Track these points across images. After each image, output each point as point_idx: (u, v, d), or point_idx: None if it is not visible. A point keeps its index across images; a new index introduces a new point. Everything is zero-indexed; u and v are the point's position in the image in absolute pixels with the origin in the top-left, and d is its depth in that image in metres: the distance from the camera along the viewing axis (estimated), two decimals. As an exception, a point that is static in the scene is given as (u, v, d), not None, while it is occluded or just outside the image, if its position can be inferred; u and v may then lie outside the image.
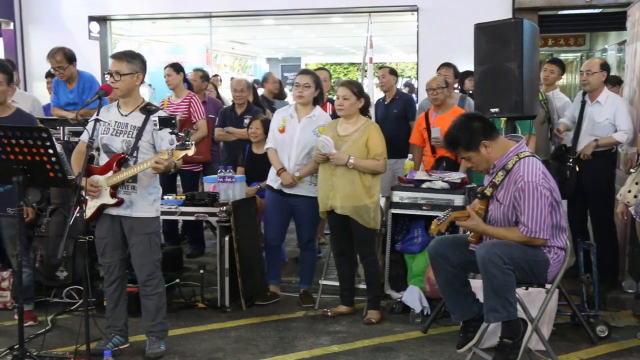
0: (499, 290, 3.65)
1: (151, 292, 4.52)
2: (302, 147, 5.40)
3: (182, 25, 14.08)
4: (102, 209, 4.41)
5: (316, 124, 5.44)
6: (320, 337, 4.93)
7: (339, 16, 13.08)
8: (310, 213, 5.51)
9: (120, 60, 4.33)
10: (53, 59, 6.20)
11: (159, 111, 4.44)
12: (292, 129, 5.44)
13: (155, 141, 4.35)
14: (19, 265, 4.03)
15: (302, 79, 5.44)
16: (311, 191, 5.46)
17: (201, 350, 4.68)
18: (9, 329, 5.07)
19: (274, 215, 5.61)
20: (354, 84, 5.20)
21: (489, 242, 3.81)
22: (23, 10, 11.67)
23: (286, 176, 5.40)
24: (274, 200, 5.58)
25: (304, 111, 5.46)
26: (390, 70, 7.50)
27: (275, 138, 5.53)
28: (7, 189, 4.73)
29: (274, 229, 5.64)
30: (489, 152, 3.83)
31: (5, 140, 3.76)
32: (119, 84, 4.32)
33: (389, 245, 5.51)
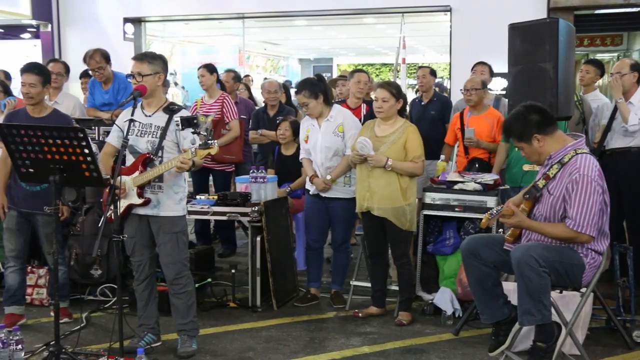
0: (534, 293, 3.60)
1: (180, 290, 4.56)
2: (326, 151, 5.45)
3: (215, 27, 14.18)
4: (130, 209, 4.46)
5: (335, 124, 5.46)
6: (351, 338, 4.92)
7: (371, 17, 13.05)
8: (346, 214, 5.52)
9: (142, 62, 4.39)
10: (92, 60, 6.28)
11: (182, 110, 4.48)
12: (315, 137, 5.51)
13: (179, 140, 4.40)
14: (54, 263, 4.09)
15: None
16: (346, 192, 5.47)
17: (232, 349, 4.70)
18: (45, 325, 5.16)
19: (314, 219, 5.65)
20: (392, 85, 5.18)
21: (525, 244, 3.77)
22: (61, 13, 11.87)
23: (318, 182, 5.46)
24: (312, 205, 5.63)
25: (323, 116, 5.51)
26: (430, 71, 7.43)
27: (304, 149, 5.65)
28: (43, 187, 4.81)
29: (315, 232, 5.66)
30: (541, 146, 3.80)
31: (43, 140, 3.82)
32: (140, 82, 4.37)
33: (421, 247, 5.48)
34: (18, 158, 3.97)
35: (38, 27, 12.04)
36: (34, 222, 5.04)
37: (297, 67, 23.46)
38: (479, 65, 7.11)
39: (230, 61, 14.70)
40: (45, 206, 4.46)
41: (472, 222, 5.39)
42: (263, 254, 5.45)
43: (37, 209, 4.83)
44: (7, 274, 5.11)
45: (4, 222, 5.11)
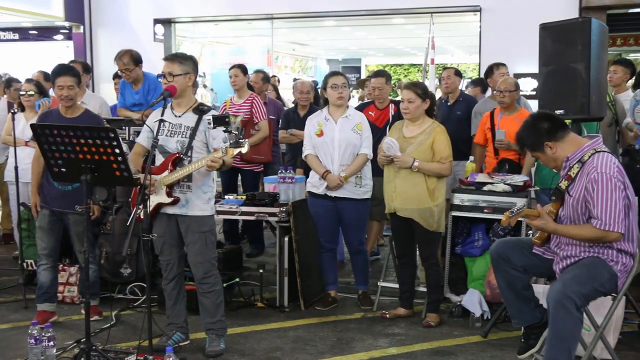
0: (565, 339, 3.51)
1: (208, 289, 4.58)
2: (345, 147, 5.38)
3: (244, 27, 14.26)
4: (159, 208, 4.49)
5: (353, 122, 5.43)
6: (379, 339, 4.91)
7: (400, 17, 13.01)
8: (358, 216, 5.49)
9: (173, 62, 4.42)
10: (120, 62, 6.36)
11: (211, 111, 4.51)
12: (331, 131, 5.43)
13: (208, 140, 4.42)
14: (85, 261, 4.14)
15: (339, 79, 5.46)
16: (356, 193, 5.43)
17: (260, 349, 4.72)
18: (76, 322, 5.23)
19: (323, 220, 5.55)
20: (418, 85, 5.16)
21: (560, 281, 3.63)
22: (92, 14, 12.03)
23: (332, 178, 5.36)
24: (319, 206, 5.52)
25: (338, 112, 5.45)
26: (455, 72, 7.40)
27: (314, 143, 5.50)
28: (75, 187, 4.87)
29: (327, 233, 5.59)
30: (554, 152, 3.76)
31: (75, 140, 3.86)
32: (171, 82, 4.40)
33: (449, 248, 5.45)
34: (50, 158, 4.02)
35: (70, 29, 12.21)
36: (66, 221, 5.10)
37: (325, 68, 23.48)
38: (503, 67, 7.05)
39: (258, 62, 14.75)
40: (77, 205, 4.51)
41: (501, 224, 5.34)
42: (291, 254, 5.46)
43: (68, 208, 4.89)
44: (39, 271, 5.18)
45: (37, 220, 5.18)
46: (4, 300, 5.81)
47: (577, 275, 3.59)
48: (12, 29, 12.98)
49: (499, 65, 7.06)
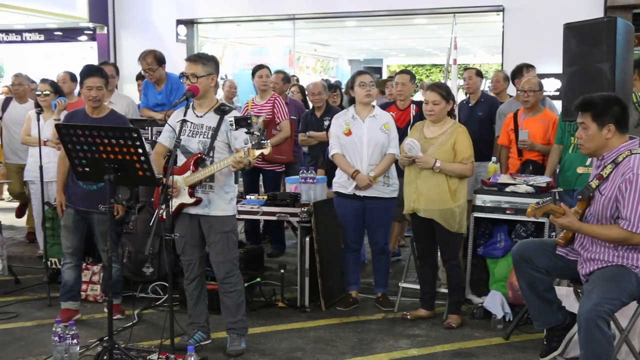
0: (601, 354, 3.44)
1: (230, 289, 4.60)
2: (374, 146, 5.37)
3: (266, 28, 14.30)
4: (181, 208, 4.52)
5: (381, 122, 5.42)
6: (400, 340, 4.90)
7: (422, 17, 12.97)
8: (384, 215, 5.48)
9: (196, 63, 4.44)
10: (144, 61, 6.40)
11: (233, 111, 4.53)
12: (359, 130, 5.41)
13: (230, 140, 4.44)
14: (108, 260, 4.17)
15: (367, 78, 5.45)
16: (384, 192, 5.43)
17: (281, 349, 4.73)
18: (99, 321, 5.27)
19: (350, 220, 5.54)
20: (442, 87, 5.13)
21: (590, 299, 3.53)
22: (116, 15, 12.13)
23: (362, 177, 5.35)
24: (346, 205, 5.52)
25: (365, 111, 5.44)
26: (476, 72, 7.36)
27: (341, 143, 5.48)
28: (99, 186, 4.91)
29: (353, 233, 5.59)
30: (607, 138, 3.68)
31: (99, 139, 3.89)
32: (194, 84, 4.41)
33: (471, 249, 5.41)
34: (75, 157, 4.06)
35: (94, 30, 12.33)
36: (90, 220, 5.15)
37: (347, 68, 23.45)
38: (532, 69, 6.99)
39: (280, 62, 14.78)
40: (100, 204, 4.55)
41: (523, 225, 5.31)
42: (312, 254, 5.47)
43: (93, 207, 4.92)
44: (63, 270, 5.23)
45: (62, 219, 5.23)
46: (29, 298, 5.88)
47: (607, 291, 3.51)
48: (38, 30, 13.12)
49: (528, 67, 6.97)
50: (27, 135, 6.76)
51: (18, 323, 5.24)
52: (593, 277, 3.66)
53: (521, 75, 6.94)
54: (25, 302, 5.74)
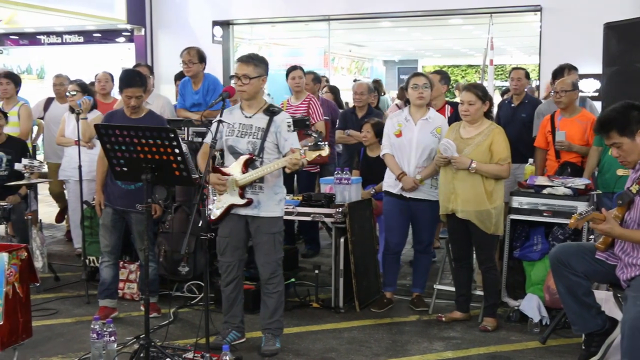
0: None
1: (273, 290, 4.62)
2: (422, 150, 5.34)
3: (301, 29, 14.33)
4: (231, 209, 4.54)
5: (433, 125, 5.37)
6: (434, 342, 4.87)
7: (458, 17, 12.88)
8: (431, 216, 5.44)
9: (248, 64, 4.44)
10: (187, 54, 6.47)
11: (282, 112, 4.54)
12: (410, 132, 5.39)
13: (279, 142, 4.44)
14: (145, 259, 4.22)
15: (420, 79, 5.39)
16: (432, 195, 5.39)
17: (315, 349, 4.74)
18: (136, 319, 5.34)
19: (395, 221, 5.53)
20: (478, 87, 5.09)
21: (634, 307, 3.49)
22: (153, 17, 12.27)
23: (408, 180, 5.33)
24: (393, 206, 5.51)
25: (419, 114, 5.41)
26: (525, 73, 7.25)
27: (392, 143, 5.48)
28: (138, 186, 4.97)
29: (397, 235, 5.56)
30: None
31: (136, 140, 3.95)
32: (247, 87, 4.44)
33: (507, 252, 5.36)
34: (113, 157, 4.12)
35: (132, 31, 12.49)
36: (128, 220, 5.22)
37: (382, 69, 23.40)
38: (573, 70, 6.89)
39: (315, 63, 14.79)
40: (138, 204, 4.60)
41: (561, 228, 5.23)
42: (346, 255, 5.46)
43: (131, 206, 4.98)
44: (102, 268, 5.31)
45: (101, 218, 5.31)
46: (68, 295, 5.98)
47: None
48: (78, 32, 13.34)
49: (570, 69, 6.86)
50: (62, 136, 6.88)
51: (58, 319, 5.34)
52: (636, 282, 3.59)
53: (562, 75, 6.84)
54: (64, 299, 5.84)
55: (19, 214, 6.25)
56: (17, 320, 3.82)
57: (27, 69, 14.02)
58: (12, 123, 6.97)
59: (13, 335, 3.81)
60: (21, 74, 11.11)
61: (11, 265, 3.73)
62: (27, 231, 6.15)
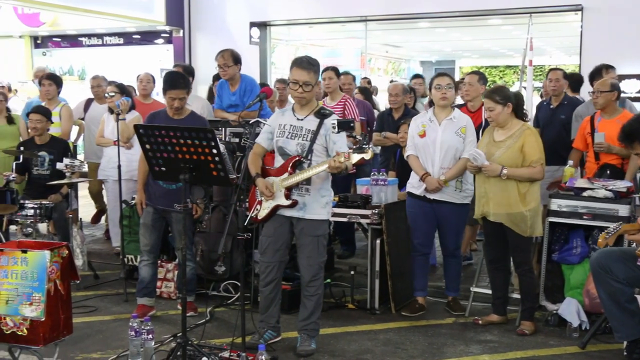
0: None
1: (314, 292, 4.62)
2: (446, 150, 5.28)
3: (338, 30, 14.33)
4: (276, 210, 4.56)
5: (458, 125, 5.31)
6: (471, 346, 4.82)
7: (497, 18, 12.75)
8: (456, 220, 5.40)
9: (309, 71, 4.42)
10: (221, 57, 6.52)
11: (333, 115, 4.53)
12: (434, 133, 5.33)
13: (329, 144, 4.44)
14: (183, 258, 4.26)
15: (444, 80, 5.35)
16: (456, 197, 5.33)
17: (350, 350, 4.73)
18: (173, 317, 5.40)
19: (419, 222, 5.48)
20: (496, 92, 4.99)
21: None
22: (192, 19, 12.39)
23: (431, 180, 5.27)
24: (417, 207, 5.46)
25: (443, 114, 5.35)
26: (563, 74, 7.14)
27: (415, 144, 5.43)
28: (178, 186, 5.01)
29: (422, 236, 5.51)
30: None
31: (175, 140, 3.99)
32: (306, 94, 4.45)
33: (545, 255, 5.28)
34: (152, 157, 4.16)
35: (171, 33, 12.63)
36: (169, 219, 5.27)
37: (419, 70, 23.25)
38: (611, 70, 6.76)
39: (352, 64, 14.80)
40: (176, 204, 4.65)
41: (601, 231, 5.13)
42: (382, 256, 5.45)
43: (172, 206, 4.99)
44: (140, 267, 5.36)
45: (141, 217, 5.37)
46: (107, 292, 6.07)
47: None
48: (118, 34, 13.56)
49: (608, 68, 6.74)
50: (101, 137, 7.00)
51: (97, 317, 5.42)
52: None
53: (600, 76, 6.72)
54: (103, 297, 5.93)
55: (60, 213, 6.38)
56: (58, 317, 3.89)
57: (68, 70, 14.29)
58: (53, 124, 7.11)
59: (54, 332, 3.88)
60: (63, 75, 11.33)
61: (53, 262, 3.80)
62: (68, 229, 6.27)
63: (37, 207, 6.14)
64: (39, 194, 6.43)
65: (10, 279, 3.80)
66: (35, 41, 14.40)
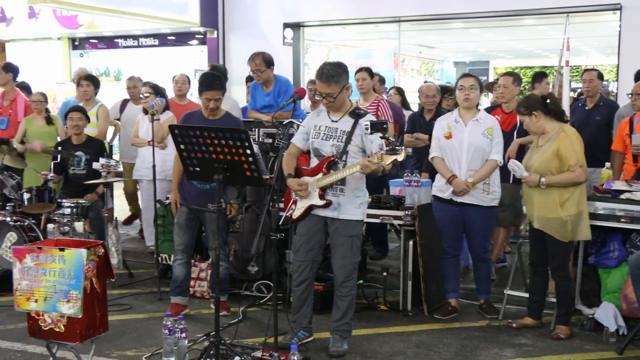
0: None
1: (347, 293, 4.62)
2: (473, 151, 5.22)
3: (371, 30, 14.27)
4: (311, 210, 4.57)
5: (484, 126, 5.25)
6: (504, 349, 4.77)
7: (533, 18, 12.58)
8: (484, 223, 5.34)
9: (329, 84, 4.43)
10: (253, 63, 6.56)
11: (367, 115, 4.53)
12: (460, 134, 5.27)
13: (365, 144, 4.43)
14: (217, 258, 4.29)
15: (467, 81, 5.29)
16: (483, 200, 5.27)
17: (382, 352, 4.71)
18: (206, 316, 5.44)
19: (447, 226, 5.43)
20: (521, 104, 4.96)
21: None
22: (226, 20, 12.46)
23: (459, 182, 5.21)
24: (444, 210, 5.40)
25: (469, 115, 5.29)
26: (598, 75, 7.02)
27: (441, 145, 5.36)
28: (212, 186, 5.04)
29: (450, 239, 5.47)
30: None
31: (209, 140, 4.02)
32: (332, 103, 4.46)
33: (582, 258, 5.20)
34: (186, 157, 4.21)
35: (205, 34, 12.72)
36: (202, 219, 5.32)
37: (452, 70, 23.06)
38: None
39: (385, 64, 14.74)
40: (209, 204, 4.68)
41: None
42: (415, 258, 5.42)
43: (205, 206, 5.06)
44: (174, 266, 5.42)
45: (175, 217, 5.42)
46: (141, 291, 6.15)
47: None
48: (153, 35, 13.70)
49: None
50: (135, 137, 7.08)
51: (131, 315, 5.49)
52: None
53: None
54: (138, 295, 6.01)
55: (96, 212, 6.47)
56: (94, 314, 3.94)
57: (104, 71, 14.48)
58: (90, 124, 7.21)
59: (90, 329, 3.94)
60: (99, 76, 11.47)
61: (89, 261, 3.85)
62: (103, 228, 6.36)
63: (74, 206, 6.24)
64: (76, 193, 6.53)
65: (48, 276, 3.86)
66: (73, 43, 14.62)
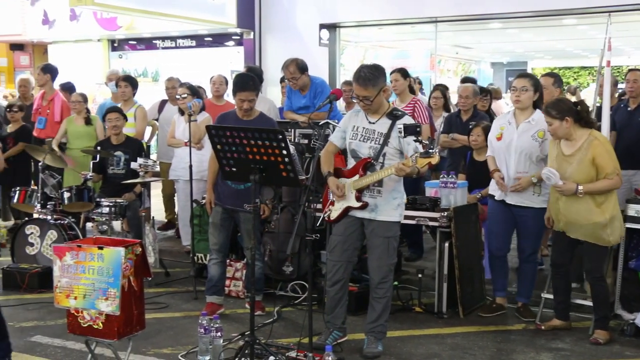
0: None
1: (383, 294, 4.61)
2: (520, 154, 5.17)
3: (408, 31, 14.19)
4: (348, 211, 4.57)
5: (535, 128, 5.17)
6: (541, 353, 4.71)
7: (573, 18, 12.38)
8: (535, 224, 5.27)
9: (366, 87, 4.41)
10: (287, 71, 6.59)
11: (405, 116, 4.51)
12: (509, 136, 5.23)
13: (403, 147, 4.42)
14: (252, 258, 4.31)
15: (519, 82, 5.22)
16: (534, 201, 5.21)
17: (417, 354, 4.69)
18: (241, 316, 5.47)
19: (496, 225, 5.42)
20: (553, 106, 4.79)
21: None
22: (262, 21, 12.51)
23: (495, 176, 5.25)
24: (496, 210, 5.39)
25: (523, 116, 5.23)
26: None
27: (493, 147, 5.36)
28: (247, 186, 5.08)
29: (497, 239, 5.45)
30: None
31: (245, 140, 4.04)
32: (369, 105, 4.45)
33: (622, 262, 5.11)
34: (223, 157, 4.24)
35: (241, 35, 12.79)
36: (237, 219, 5.35)
37: (489, 71, 22.83)
38: None
39: (421, 65, 14.65)
40: (246, 204, 4.70)
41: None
42: (451, 260, 5.38)
43: (240, 206, 5.10)
44: (210, 265, 5.46)
45: (210, 217, 5.47)
46: (177, 290, 6.21)
47: None
48: (190, 37, 13.83)
49: None
50: (172, 137, 7.15)
51: (168, 313, 5.55)
52: None
53: None
54: (174, 294, 6.07)
55: (134, 211, 6.56)
56: (131, 312, 3.99)
57: (143, 72, 14.66)
58: (128, 124, 7.32)
59: (128, 326, 3.99)
60: (137, 77, 11.61)
61: (127, 259, 3.90)
62: (140, 227, 6.43)
63: (112, 205, 6.33)
64: (114, 193, 6.62)
65: (87, 274, 3.92)
66: (112, 44, 14.83)
